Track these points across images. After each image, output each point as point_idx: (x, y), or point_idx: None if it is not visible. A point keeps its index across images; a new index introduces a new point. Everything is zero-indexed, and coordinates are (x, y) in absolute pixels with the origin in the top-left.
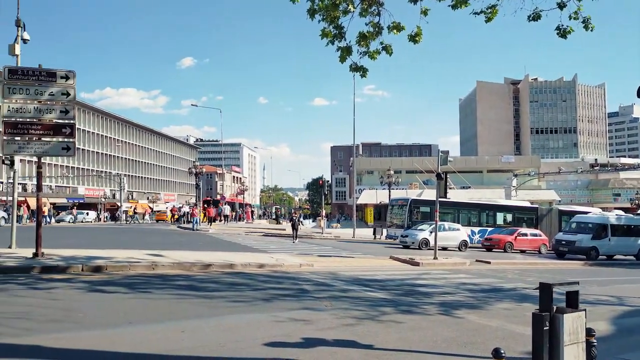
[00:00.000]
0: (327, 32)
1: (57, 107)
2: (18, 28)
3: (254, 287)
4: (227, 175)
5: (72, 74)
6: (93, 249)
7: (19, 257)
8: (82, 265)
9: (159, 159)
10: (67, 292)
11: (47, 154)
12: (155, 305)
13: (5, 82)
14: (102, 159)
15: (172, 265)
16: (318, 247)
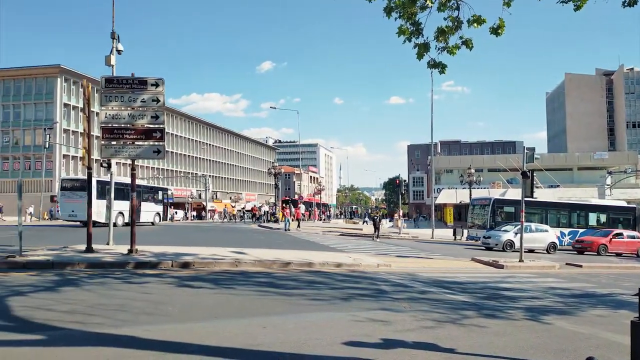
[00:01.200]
0: (404, 29)
1: (148, 113)
2: (113, 40)
3: (332, 286)
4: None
5: (161, 81)
6: (181, 246)
7: (115, 253)
8: (172, 261)
9: (241, 160)
10: (159, 287)
11: (139, 156)
12: (238, 301)
13: (103, 91)
14: (189, 161)
15: (254, 262)
16: (395, 248)
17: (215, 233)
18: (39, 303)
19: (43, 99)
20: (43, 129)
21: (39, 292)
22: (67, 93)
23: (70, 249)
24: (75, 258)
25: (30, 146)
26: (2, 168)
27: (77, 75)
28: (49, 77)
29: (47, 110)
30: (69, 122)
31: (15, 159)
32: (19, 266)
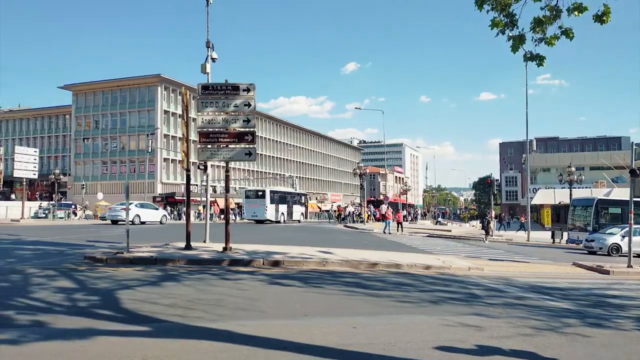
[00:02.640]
0: (497, 21)
1: (240, 117)
2: (208, 49)
3: (420, 288)
4: (390, 175)
5: (252, 86)
6: (270, 244)
7: (211, 251)
8: (263, 259)
9: (326, 161)
10: (252, 284)
11: (232, 159)
12: (327, 300)
13: (199, 98)
14: (277, 162)
15: (341, 262)
16: (487, 250)
17: (302, 233)
18: (145, 297)
19: (145, 106)
20: (146, 134)
21: (144, 286)
22: (167, 100)
23: (171, 246)
24: (175, 255)
25: (135, 151)
26: (110, 171)
27: (175, 84)
28: (150, 86)
29: (149, 117)
30: (169, 128)
31: (122, 163)
32: (127, 262)
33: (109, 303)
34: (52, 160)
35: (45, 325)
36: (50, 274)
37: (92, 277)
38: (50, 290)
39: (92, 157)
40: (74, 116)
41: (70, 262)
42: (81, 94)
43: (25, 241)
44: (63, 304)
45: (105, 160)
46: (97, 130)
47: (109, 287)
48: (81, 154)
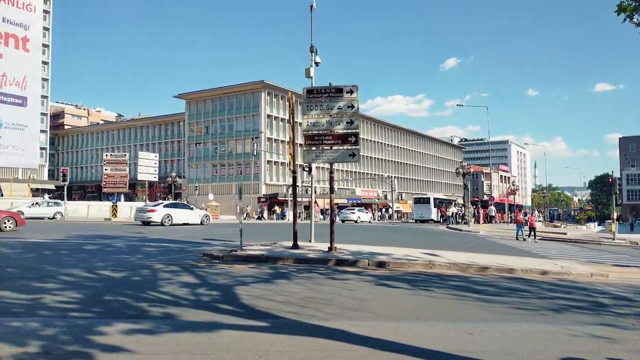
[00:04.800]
0: (626, 6)
1: (344, 119)
2: (311, 53)
3: (538, 295)
4: (494, 174)
5: (355, 88)
6: (373, 245)
7: (317, 250)
8: (368, 260)
9: (425, 160)
10: (359, 284)
11: (336, 160)
12: (436, 304)
13: (304, 101)
14: (375, 162)
15: (448, 265)
16: (609, 255)
17: (404, 234)
18: (260, 293)
19: (250, 111)
20: (251, 138)
21: (258, 283)
22: (270, 105)
23: (279, 245)
24: (284, 253)
25: (241, 154)
26: (220, 173)
27: (277, 89)
28: (255, 92)
29: (253, 121)
30: (272, 132)
31: (230, 166)
32: (240, 259)
33: (228, 298)
34: (168, 164)
35: (175, 317)
36: (174, 269)
37: (211, 273)
38: (176, 285)
39: (203, 161)
40: (187, 123)
41: (190, 258)
42: (193, 102)
43: (149, 239)
44: (188, 298)
45: (215, 163)
46: (207, 135)
47: (227, 283)
48: (194, 157)
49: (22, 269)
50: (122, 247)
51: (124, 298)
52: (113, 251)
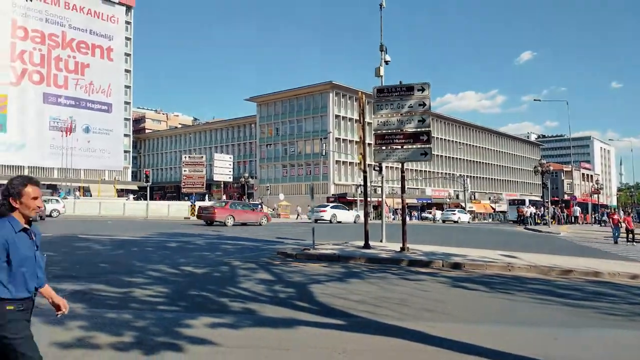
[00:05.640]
0: None
1: (415, 117)
2: (381, 52)
3: (629, 300)
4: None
5: (426, 85)
6: (446, 246)
7: (389, 250)
8: (442, 261)
9: (499, 158)
10: (433, 285)
11: (407, 159)
12: (516, 307)
13: (375, 101)
14: (446, 161)
15: (528, 267)
16: None
17: (478, 235)
18: (334, 291)
19: (319, 112)
20: (319, 138)
21: (332, 281)
22: (338, 106)
23: (350, 245)
24: (356, 253)
25: (310, 154)
26: (290, 174)
27: (345, 89)
28: (323, 93)
29: (322, 122)
30: (340, 132)
31: (299, 166)
32: (313, 258)
33: (304, 296)
34: (241, 165)
35: (254, 312)
36: (251, 266)
37: (286, 271)
38: (254, 281)
39: (273, 161)
40: (258, 125)
41: (265, 256)
42: (264, 105)
43: (226, 237)
44: (266, 294)
45: (285, 163)
46: (277, 136)
47: (302, 281)
48: (265, 158)
49: (113, 264)
50: (201, 244)
51: (207, 293)
52: (194, 248)
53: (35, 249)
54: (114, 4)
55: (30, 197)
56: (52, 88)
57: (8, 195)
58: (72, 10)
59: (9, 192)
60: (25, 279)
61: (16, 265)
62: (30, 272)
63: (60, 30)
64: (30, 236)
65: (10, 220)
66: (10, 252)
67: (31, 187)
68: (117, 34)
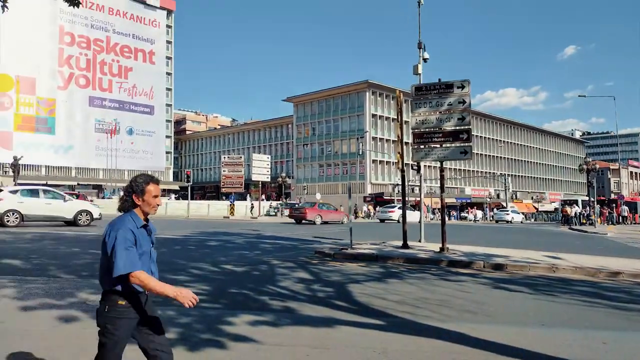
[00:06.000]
0: None
1: (454, 115)
2: (419, 50)
3: None
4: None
5: (466, 82)
6: (486, 246)
7: (428, 251)
8: (483, 262)
9: (542, 156)
10: (475, 286)
11: (446, 158)
12: (562, 310)
13: (413, 99)
14: (486, 160)
15: (573, 269)
16: None
17: (520, 235)
18: (373, 291)
19: (355, 111)
20: (356, 138)
21: (370, 281)
22: (374, 105)
23: (388, 244)
24: (394, 253)
25: (347, 154)
26: (326, 173)
27: (382, 88)
28: (360, 92)
29: (358, 121)
30: (376, 131)
31: (336, 165)
32: (351, 257)
33: (342, 295)
34: (278, 165)
35: (293, 311)
36: (289, 265)
37: (324, 270)
38: (292, 280)
39: (310, 161)
40: (295, 125)
41: (303, 255)
42: (300, 105)
43: (264, 236)
44: (304, 293)
45: (321, 163)
46: (314, 136)
47: (340, 280)
48: (301, 158)
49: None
50: (241, 243)
51: (247, 291)
52: (233, 247)
53: (151, 246)
54: (156, 8)
55: (151, 195)
56: (97, 91)
57: (132, 192)
58: (116, 15)
59: (132, 189)
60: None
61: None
62: (146, 267)
63: (105, 35)
64: (148, 232)
65: (132, 215)
66: (137, 245)
67: (153, 186)
68: (159, 37)
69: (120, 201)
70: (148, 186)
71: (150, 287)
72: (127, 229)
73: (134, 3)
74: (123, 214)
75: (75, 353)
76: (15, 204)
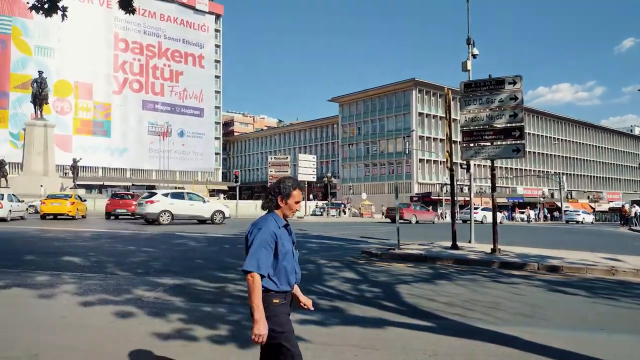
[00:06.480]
0: None
1: (506, 112)
2: (468, 45)
3: None
4: None
5: (518, 78)
6: (540, 247)
7: (478, 252)
8: (537, 264)
9: (599, 154)
10: (529, 289)
11: (498, 156)
12: (623, 315)
13: (462, 96)
14: (539, 158)
15: (635, 272)
16: None
17: (575, 235)
18: (421, 292)
19: (401, 110)
20: (402, 137)
21: (418, 282)
22: (421, 103)
23: (437, 245)
24: (443, 254)
25: (393, 153)
26: (372, 173)
27: (429, 86)
28: (406, 90)
29: (404, 120)
30: (423, 130)
31: (382, 165)
32: (398, 258)
33: (390, 296)
34: (324, 165)
35: (342, 311)
36: (336, 265)
37: (371, 271)
38: (340, 280)
39: (356, 161)
40: (340, 125)
41: (349, 255)
42: (345, 105)
43: (311, 235)
44: (352, 293)
45: (367, 163)
46: (359, 136)
47: (387, 281)
48: (347, 158)
49: (207, 260)
50: None
51: None
52: None
53: (292, 245)
54: (205, 13)
55: (295, 199)
56: (150, 95)
57: (278, 194)
58: (167, 21)
59: (279, 190)
60: (287, 272)
61: (280, 259)
62: (290, 266)
63: (157, 40)
64: (289, 232)
65: (273, 216)
66: (278, 245)
67: (298, 191)
68: (208, 41)
69: (265, 200)
70: (294, 191)
71: (253, 297)
72: (270, 229)
73: (184, 9)
74: (265, 214)
75: (132, 348)
76: (167, 205)
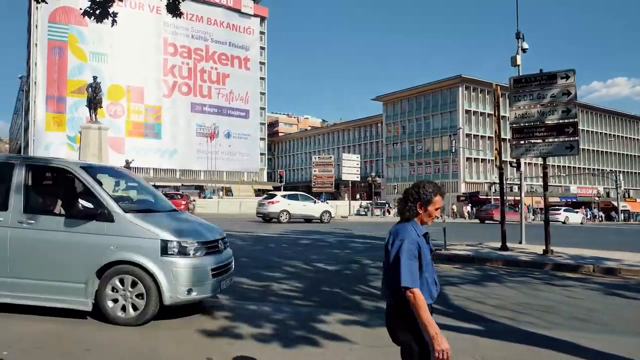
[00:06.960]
0: None
1: (558, 108)
2: (518, 40)
3: None
4: None
5: (571, 72)
6: (595, 249)
7: (529, 253)
8: (593, 266)
9: None
10: (584, 292)
11: (550, 154)
12: None
13: (511, 92)
14: (594, 156)
15: None
16: None
17: (630, 237)
18: (469, 294)
19: (447, 108)
20: (448, 135)
21: (466, 284)
22: (468, 100)
23: (485, 246)
24: (492, 255)
25: (438, 152)
26: (417, 172)
27: (476, 82)
28: (452, 87)
29: (450, 118)
30: (470, 127)
31: (427, 164)
32: (445, 258)
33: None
34: (367, 165)
35: None
36: (380, 265)
37: None
38: None
39: (400, 160)
40: (384, 124)
41: None
42: (389, 103)
43: (355, 235)
44: None
45: (412, 162)
46: (404, 135)
47: None
48: (391, 157)
49: (253, 259)
50: (332, 242)
51: (338, 290)
52: (325, 246)
53: (431, 254)
54: (250, 16)
55: (435, 206)
56: (198, 98)
57: (417, 200)
58: (214, 25)
59: (419, 197)
60: (429, 284)
61: (423, 270)
62: (431, 278)
63: (204, 44)
64: (427, 240)
65: (413, 224)
66: (421, 256)
67: (439, 197)
68: (253, 44)
69: (404, 209)
70: (436, 197)
71: (420, 312)
72: (413, 239)
73: (229, 12)
74: (404, 222)
75: (179, 345)
76: (285, 206)
